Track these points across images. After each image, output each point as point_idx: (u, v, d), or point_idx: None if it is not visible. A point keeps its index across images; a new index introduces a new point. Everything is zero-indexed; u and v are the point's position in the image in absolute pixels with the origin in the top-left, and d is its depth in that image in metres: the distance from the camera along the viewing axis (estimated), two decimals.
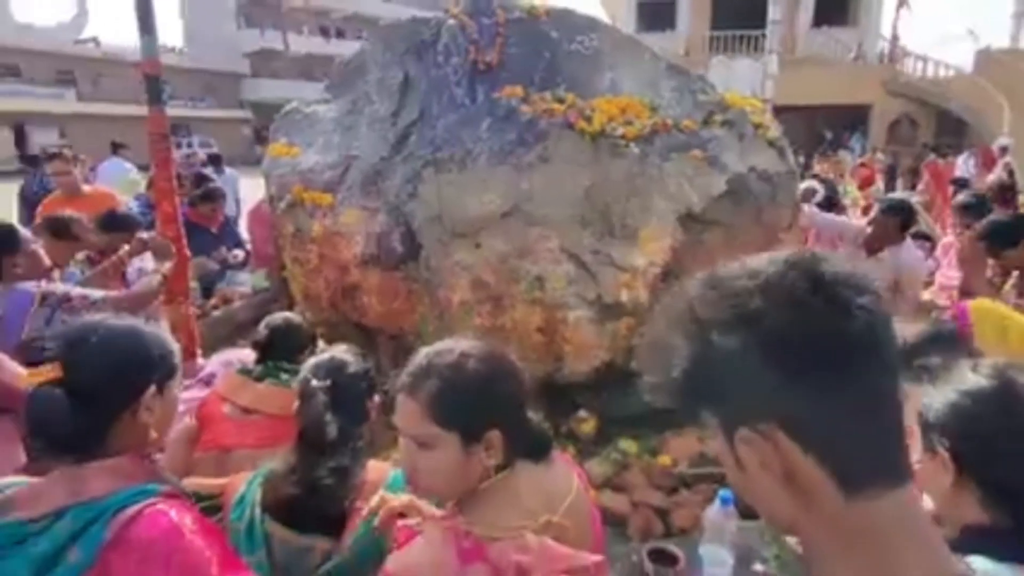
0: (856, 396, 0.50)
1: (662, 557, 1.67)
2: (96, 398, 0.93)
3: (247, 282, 4.36)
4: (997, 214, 2.87)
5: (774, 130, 2.65)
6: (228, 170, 7.56)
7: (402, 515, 1.16)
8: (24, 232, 2.32)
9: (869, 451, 0.51)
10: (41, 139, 24.64)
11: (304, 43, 36.65)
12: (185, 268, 2.94)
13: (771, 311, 0.50)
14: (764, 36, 17.41)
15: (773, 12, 8.57)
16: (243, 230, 4.86)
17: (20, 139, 24.60)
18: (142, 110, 2.83)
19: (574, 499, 1.09)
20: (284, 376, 1.79)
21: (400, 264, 2.60)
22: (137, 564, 0.84)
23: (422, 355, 1.04)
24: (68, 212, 2.89)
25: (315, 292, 2.76)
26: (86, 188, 4.14)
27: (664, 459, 2.42)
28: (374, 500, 1.24)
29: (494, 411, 1.00)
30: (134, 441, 0.95)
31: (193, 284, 3.45)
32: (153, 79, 2.64)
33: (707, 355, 0.53)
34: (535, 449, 1.08)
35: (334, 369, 1.42)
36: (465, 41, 2.77)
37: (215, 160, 8.12)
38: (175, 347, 1.08)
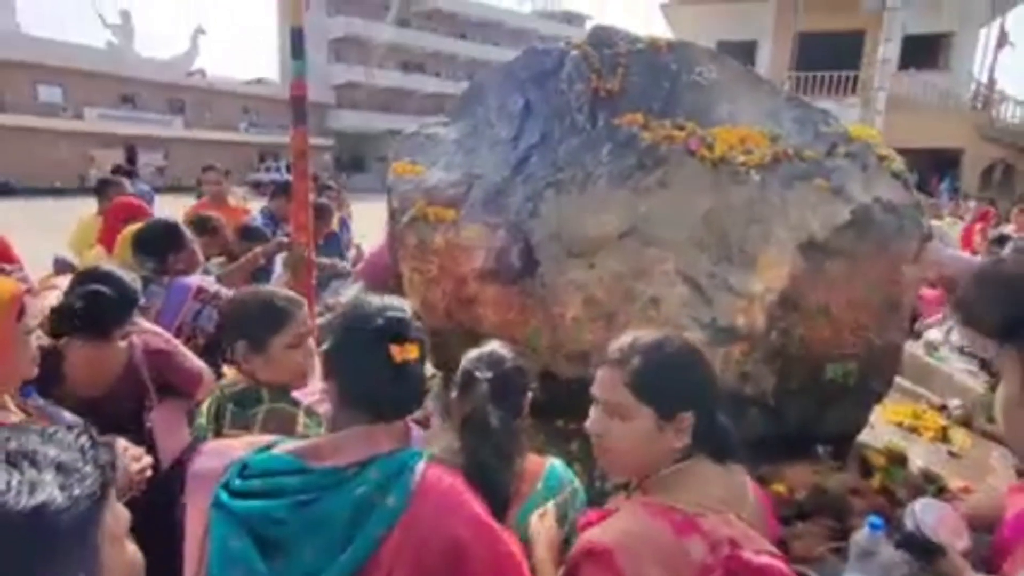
0: None
1: None
2: (424, 371, 1.11)
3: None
4: None
5: (899, 162, 2.63)
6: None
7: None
8: (187, 232, 2.57)
9: None
10: (148, 160, 26.97)
11: (385, 77, 38.57)
12: (311, 273, 3.15)
13: None
14: (848, 78, 17.19)
15: (883, 51, 8.48)
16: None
17: (131, 159, 26.90)
18: (236, 136, 3.14)
19: (753, 509, 1.12)
20: None
21: (517, 279, 2.70)
22: (435, 510, 0.96)
23: (627, 335, 1.13)
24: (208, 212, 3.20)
25: (432, 302, 2.89)
26: (231, 200, 4.58)
27: (778, 487, 2.38)
28: (540, 510, 1.32)
29: (689, 394, 1.06)
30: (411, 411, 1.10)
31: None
32: (299, 100, 2.89)
33: None
34: (720, 446, 1.12)
35: (494, 362, 1.50)
36: (588, 70, 2.89)
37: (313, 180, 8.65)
38: None
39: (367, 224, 6.03)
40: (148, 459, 1.52)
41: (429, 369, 3.43)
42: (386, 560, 0.92)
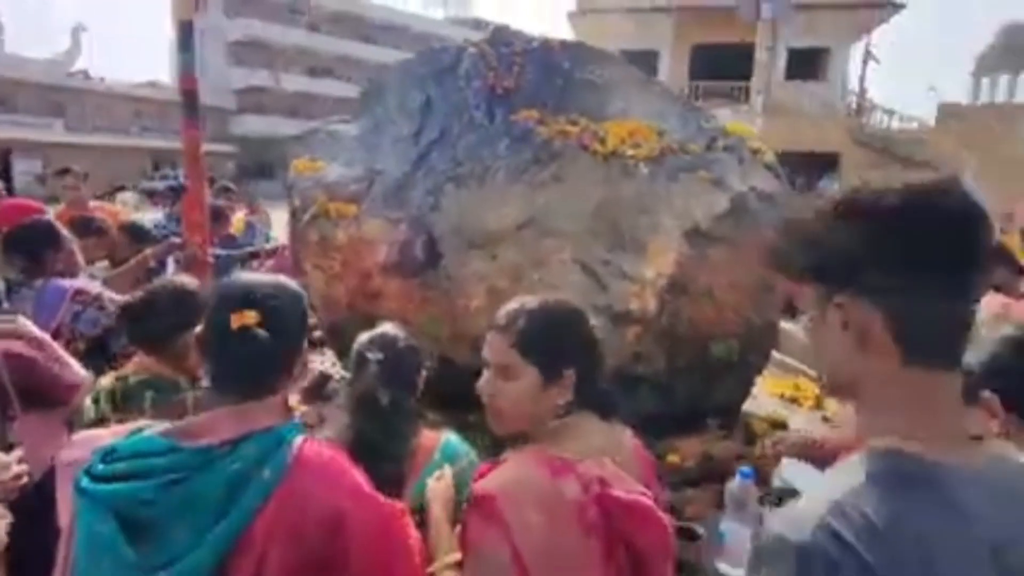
0: (943, 290, 0.64)
1: (684, 535, 1.78)
2: (284, 343, 1.05)
3: None
4: None
5: (770, 155, 2.87)
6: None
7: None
8: (64, 231, 2.41)
9: (935, 334, 0.65)
10: (26, 167, 24.64)
11: (292, 82, 37.35)
12: (206, 274, 3.03)
13: (904, 209, 0.64)
14: (740, 89, 18.42)
15: (759, 59, 9.17)
16: None
17: (5, 167, 24.45)
18: (127, 141, 2.97)
19: (630, 459, 1.21)
20: None
21: (420, 272, 2.73)
22: (313, 483, 0.96)
23: (514, 301, 1.18)
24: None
25: (335, 297, 2.86)
26: (92, 204, 4.25)
27: (672, 458, 2.54)
28: (437, 473, 1.36)
29: (571, 352, 1.13)
30: (283, 385, 1.08)
31: None
32: (190, 94, 2.78)
33: (838, 237, 0.68)
34: (602, 403, 1.20)
35: (387, 343, 1.53)
36: (485, 68, 2.97)
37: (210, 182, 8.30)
38: None
39: (272, 232, 5.86)
40: (21, 467, 1.44)
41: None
42: (261, 534, 0.92)
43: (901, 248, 0.64)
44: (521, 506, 0.99)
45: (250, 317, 1.00)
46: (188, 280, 1.83)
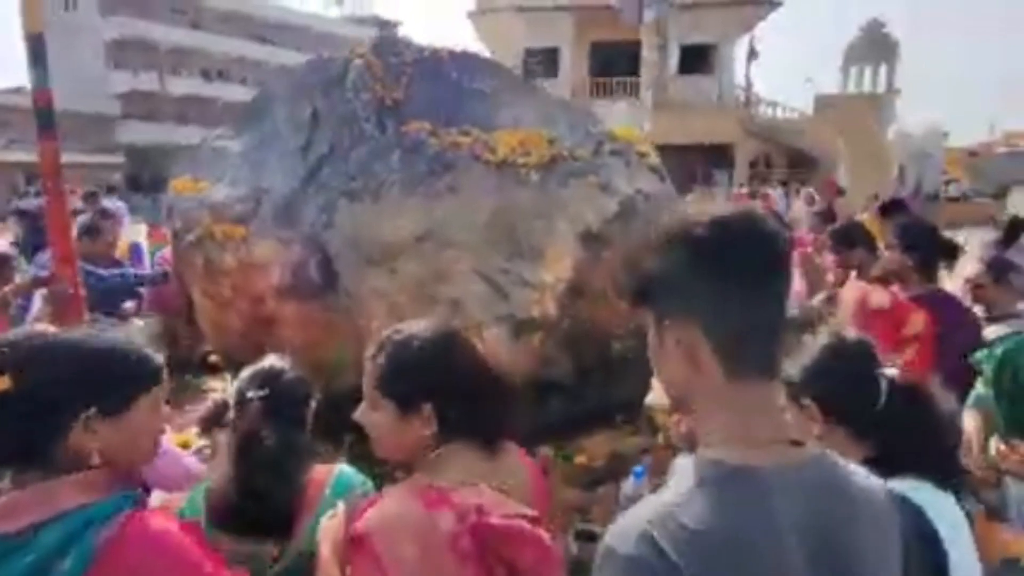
0: (753, 311, 0.70)
1: (584, 537, 1.84)
2: (36, 412, 0.92)
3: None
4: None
5: (654, 157, 3.00)
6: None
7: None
8: None
9: (751, 350, 0.71)
10: None
11: (183, 85, 35.16)
12: (80, 311, 2.80)
13: (710, 237, 0.70)
14: (636, 85, 19.14)
15: (647, 57, 9.53)
16: None
17: None
18: None
19: (521, 483, 1.22)
20: None
21: (318, 293, 2.65)
22: (137, 565, 0.86)
23: (390, 329, 1.17)
24: None
25: (227, 325, 2.73)
26: None
27: (581, 458, 2.61)
28: (331, 512, 1.32)
29: (424, 388, 1.11)
30: (86, 459, 0.93)
31: None
32: (45, 111, 2.56)
33: (660, 266, 0.73)
34: (483, 430, 1.20)
35: (270, 378, 1.46)
36: (371, 79, 2.92)
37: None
38: (142, 369, 1.02)
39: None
40: None
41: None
42: None
43: (709, 272, 0.71)
44: (395, 541, 0.99)
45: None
46: (48, 327, 1.67)
